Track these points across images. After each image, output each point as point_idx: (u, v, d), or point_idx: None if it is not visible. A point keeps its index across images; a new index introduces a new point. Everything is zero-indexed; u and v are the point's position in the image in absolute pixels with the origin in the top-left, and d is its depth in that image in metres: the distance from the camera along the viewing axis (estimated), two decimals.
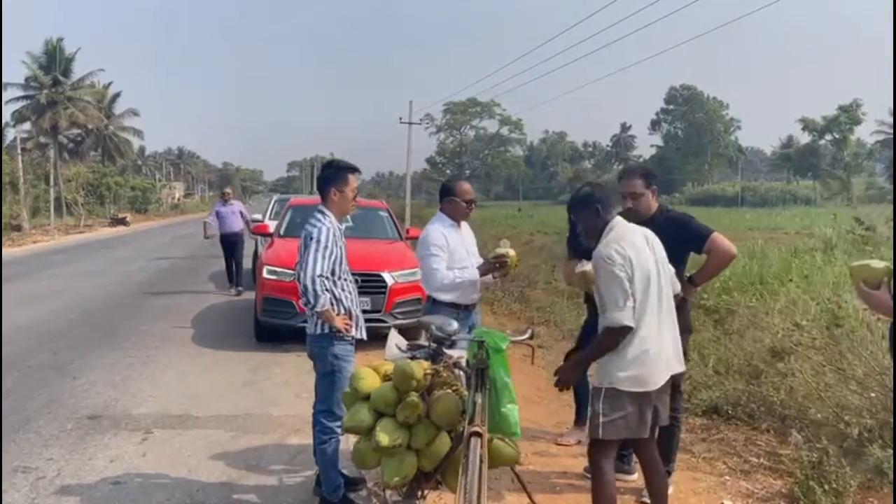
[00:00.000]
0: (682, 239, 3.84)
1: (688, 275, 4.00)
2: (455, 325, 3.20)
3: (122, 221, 40.25)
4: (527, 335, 3.21)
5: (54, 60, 47.24)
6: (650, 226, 3.95)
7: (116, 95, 56.34)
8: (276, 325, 7.79)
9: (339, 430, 3.64)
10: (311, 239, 3.65)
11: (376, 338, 6.24)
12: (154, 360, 7.33)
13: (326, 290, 3.62)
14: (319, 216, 3.75)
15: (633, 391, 3.10)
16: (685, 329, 3.91)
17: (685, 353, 3.99)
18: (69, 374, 6.67)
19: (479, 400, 2.92)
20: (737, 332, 6.62)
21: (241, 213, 12.71)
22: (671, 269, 3.30)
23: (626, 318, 3.01)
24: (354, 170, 3.84)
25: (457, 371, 3.27)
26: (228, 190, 13.39)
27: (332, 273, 3.69)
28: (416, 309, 7.28)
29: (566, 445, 4.89)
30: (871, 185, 70.83)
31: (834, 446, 4.46)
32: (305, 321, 3.88)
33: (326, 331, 3.68)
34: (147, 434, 5.05)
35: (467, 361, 3.19)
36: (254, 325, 8.29)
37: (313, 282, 3.56)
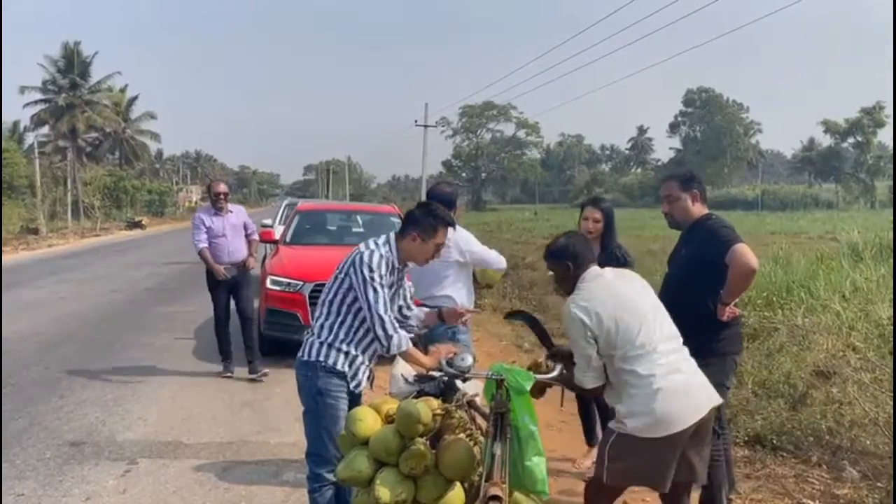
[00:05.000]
0: (706, 248, 3.51)
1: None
2: (470, 359, 2.70)
3: (139, 225, 40.16)
4: (556, 372, 2.71)
5: (72, 64, 47.37)
6: (688, 234, 3.71)
7: (133, 99, 56.47)
8: (281, 338, 7.32)
9: (331, 477, 3.11)
10: (363, 264, 3.08)
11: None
12: (150, 376, 6.89)
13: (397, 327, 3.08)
14: (381, 241, 3.20)
15: (649, 437, 2.69)
16: (721, 352, 3.54)
17: (725, 377, 3.59)
18: (57, 391, 6.25)
19: (497, 451, 2.43)
20: (778, 351, 6.10)
21: (245, 226, 7.09)
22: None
23: (587, 381, 2.88)
24: (450, 224, 3.29)
25: (471, 412, 2.78)
26: (223, 188, 7.12)
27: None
28: None
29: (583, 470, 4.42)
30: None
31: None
32: None
33: (313, 358, 3.12)
34: (131, 465, 4.59)
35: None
36: (257, 338, 7.82)
37: (382, 322, 3.03)
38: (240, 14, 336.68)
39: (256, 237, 7.40)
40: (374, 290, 3.01)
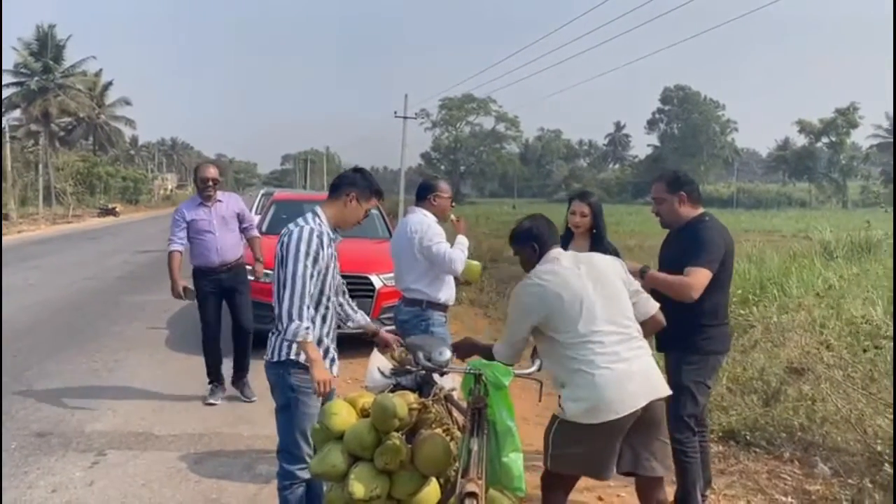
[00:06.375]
0: (685, 250, 3.52)
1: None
2: (448, 353, 2.66)
3: (112, 212, 39.60)
4: (535, 367, 2.68)
5: (45, 47, 46.53)
6: (679, 234, 3.67)
7: (108, 84, 55.50)
8: (257, 329, 7.20)
9: (303, 475, 3.05)
10: (290, 241, 3.03)
11: (363, 345, 5.75)
12: (121, 366, 6.78)
13: (308, 316, 3.02)
14: (309, 216, 3.14)
15: (589, 423, 2.69)
16: (705, 350, 3.56)
17: (707, 376, 3.63)
18: (25, 381, 6.12)
19: (474, 447, 2.39)
20: (752, 347, 6.15)
21: (238, 216, 5.94)
22: (634, 287, 3.06)
23: (501, 354, 2.94)
24: (380, 195, 3.35)
25: (448, 406, 2.75)
26: (212, 173, 5.81)
27: (321, 292, 3.10)
28: None
29: None
30: (866, 188, 71.12)
31: (868, 480, 4.01)
32: None
33: (283, 357, 3.06)
34: (99, 456, 4.50)
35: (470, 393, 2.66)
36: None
37: (291, 302, 2.98)
38: (220, 3, 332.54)
39: (257, 233, 6.17)
40: (295, 269, 2.97)
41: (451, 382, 2.90)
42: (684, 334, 3.48)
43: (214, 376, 5.83)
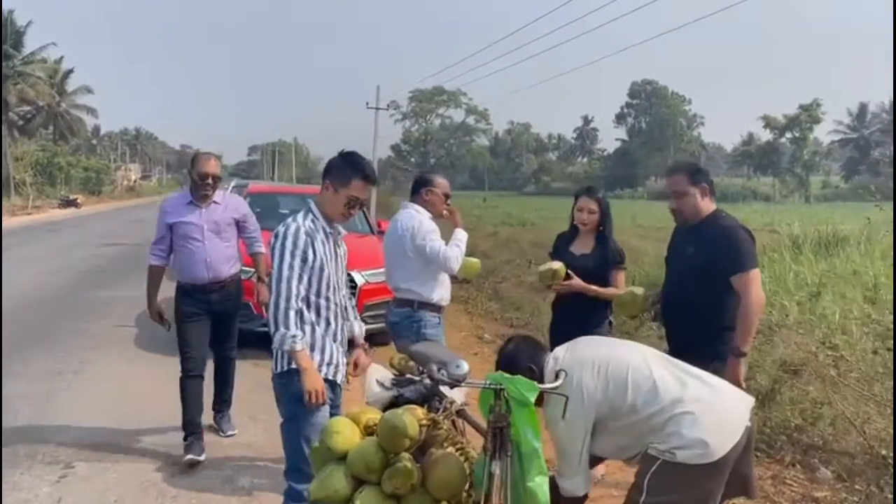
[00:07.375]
0: (722, 255, 3.28)
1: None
2: (466, 366, 2.41)
3: (73, 203, 38.61)
4: (559, 381, 2.45)
5: (4, 33, 45.10)
6: (696, 231, 3.46)
7: (69, 72, 54.23)
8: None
9: None
10: (276, 242, 2.90)
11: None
12: (88, 367, 6.41)
13: (301, 321, 2.85)
14: (301, 214, 3.00)
15: (700, 464, 2.39)
16: (727, 355, 3.31)
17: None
18: None
19: (496, 470, 2.17)
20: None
21: (238, 223, 4.72)
22: None
23: (580, 486, 2.56)
24: (367, 178, 3.00)
25: (459, 422, 2.51)
26: (213, 168, 4.43)
27: (318, 294, 2.94)
28: None
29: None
30: (827, 183, 72.71)
31: (883, 487, 3.90)
32: (265, 324, 3.12)
33: (285, 368, 2.88)
34: (67, 469, 4.18)
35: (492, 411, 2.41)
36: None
37: (276, 307, 2.79)
38: None
39: (262, 248, 4.84)
40: (280, 272, 2.84)
41: (461, 396, 2.66)
42: (706, 340, 3.26)
43: (192, 426, 4.44)
